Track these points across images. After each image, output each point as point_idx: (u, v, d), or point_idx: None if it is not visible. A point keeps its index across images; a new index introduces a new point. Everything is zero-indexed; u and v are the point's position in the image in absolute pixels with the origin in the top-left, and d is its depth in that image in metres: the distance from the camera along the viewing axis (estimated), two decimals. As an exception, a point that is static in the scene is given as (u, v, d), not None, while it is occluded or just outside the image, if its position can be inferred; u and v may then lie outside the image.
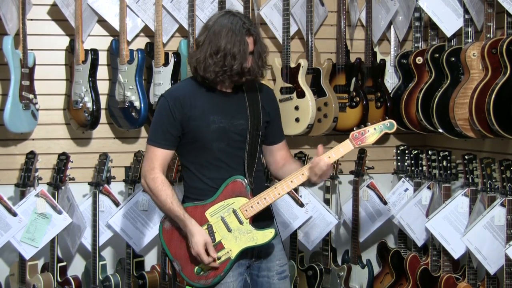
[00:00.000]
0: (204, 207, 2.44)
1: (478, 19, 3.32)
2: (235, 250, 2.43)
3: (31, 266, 3.47)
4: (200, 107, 2.44)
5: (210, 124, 2.43)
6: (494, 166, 3.22)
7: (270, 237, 2.43)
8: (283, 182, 2.43)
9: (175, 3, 3.61)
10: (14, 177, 3.57)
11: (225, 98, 2.50)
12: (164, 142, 2.45)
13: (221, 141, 2.45)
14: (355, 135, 2.42)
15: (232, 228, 2.43)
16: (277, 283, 2.55)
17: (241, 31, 2.40)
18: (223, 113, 2.46)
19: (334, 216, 3.76)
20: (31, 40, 3.41)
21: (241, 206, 2.42)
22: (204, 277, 2.44)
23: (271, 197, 2.42)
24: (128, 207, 3.53)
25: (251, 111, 2.50)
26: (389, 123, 2.45)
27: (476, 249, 3.21)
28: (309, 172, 2.42)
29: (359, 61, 3.80)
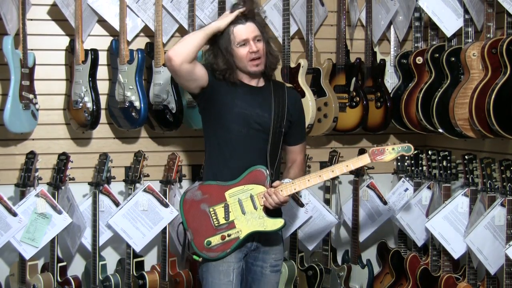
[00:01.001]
0: (225, 188, 2.63)
1: (478, 19, 3.32)
2: (245, 232, 2.61)
3: (31, 266, 3.47)
4: (230, 91, 2.64)
5: (234, 107, 2.62)
6: (494, 166, 3.22)
7: (279, 226, 2.62)
8: (301, 179, 2.61)
9: (175, 3, 3.61)
10: (14, 177, 3.57)
11: (251, 90, 2.69)
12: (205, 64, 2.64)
13: (242, 126, 2.63)
14: (375, 151, 2.63)
15: (246, 211, 2.62)
16: (268, 274, 2.76)
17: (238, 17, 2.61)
18: (248, 102, 2.65)
19: (334, 216, 3.76)
20: (31, 40, 3.41)
21: (258, 193, 2.61)
22: (212, 249, 2.63)
23: (287, 191, 2.59)
24: (128, 207, 3.53)
25: (275, 107, 2.68)
26: (407, 147, 2.64)
27: (478, 249, 3.21)
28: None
29: (359, 61, 3.80)
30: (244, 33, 2.59)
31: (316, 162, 3.92)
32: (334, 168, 2.64)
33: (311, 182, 2.61)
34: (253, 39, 2.60)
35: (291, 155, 2.85)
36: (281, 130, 2.69)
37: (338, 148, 3.93)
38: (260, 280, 2.76)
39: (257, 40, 2.62)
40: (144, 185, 3.54)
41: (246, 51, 2.60)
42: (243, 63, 2.62)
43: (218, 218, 2.62)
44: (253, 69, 2.64)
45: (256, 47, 2.60)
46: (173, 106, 3.50)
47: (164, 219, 3.53)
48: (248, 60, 2.61)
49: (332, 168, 2.63)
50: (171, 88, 3.50)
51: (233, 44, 2.60)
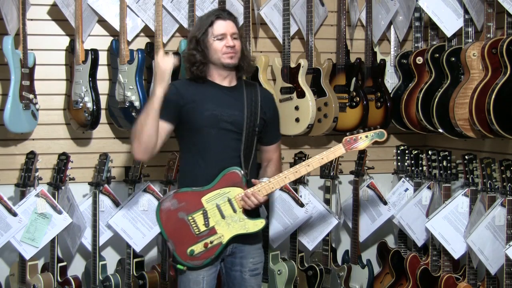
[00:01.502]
0: (201, 193, 2.58)
1: (478, 19, 3.32)
2: (227, 236, 2.57)
3: (31, 266, 3.47)
4: (198, 97, 2.62)
5: (203, 111, 2.59)
6: (494, 166, 3.22)
7: (260, 227, 2.59)
8: (277, 178, 2.57)
9: (175, 3, 3.61)
10: (14, 177, 3.57)
11: (224, 92, 2.66)
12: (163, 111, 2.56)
13: (213, 127, 2.59)
14: (348, 140, 2.60)
15: (226, 215, 2.57)
16: (248, 278, 2.70)
17: (210, 16, 2.64)
18: (218, 103, 2.62)
19: (334, 216, 3.76)
20: (31, 40, 3.41)
21: (236, 196, 2.56)
22: (196, 258, 2.58)
23: (265, 190, 2.56)
24: (128, 207, 3.53)
25: (248, 106, 2.64)
26: (380, 132, 2.62)
27: (479, 250, 3.21)
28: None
29: (359, 61, 3.80)
30: (223, 28, 2.60)
31: (316, 162, 3.91)
32: (310, 162, 2.56)
33: (288, 179, 2.57)
34: (231, 35, 2.60)
35: (266, 155, 2.81)
36: (254, 129, 2.64)
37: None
38: (241, 285, 2.70)
39: (234, 37, 2.61)
40: (144, 185, 3.54)
41: (223, 44, 2.59)
42: (217, 55, 2.59)
43: (198, 226, 2.56)
44: (227, 61, 2.60)
45: (232, 42, 2.59)
46: (173, 106, 3.49)
47: (164, 219, 3.52)
48: (223, 52, 2.59)
49: (307, 163, 2.57)
50: (171, 88, 3.49)
51: (210, 36, 2.59)
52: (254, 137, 2.66)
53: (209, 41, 2.60)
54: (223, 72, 2.65)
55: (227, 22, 2.62)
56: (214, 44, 2.59)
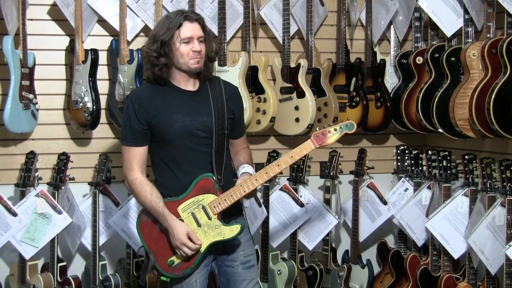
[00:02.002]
0: (176, 203, 2.56)
1: (478, 19, 3.32)
2: (204, 244, 2.55)
3: (31, 266, 3.47)
4: (164, 107, 2.55)
5: (173, 123, 2.53)
6: (494, 166, 3.22)
7: (236, 232, 2.55)
8: (248, 181, 2.53)
9: (175, 3, 3.61)
10: (14, 177, 3.57)
11: (189, 96, 2.59)
12: (135, 140, 2.56)
13: (185, 138, 2.55)
14: (317, 135, 2.51)
15: (201, 223, 2.55)
16: (241, 272, 2.67)
17: (177, 16, 2.52)
18: (186, 111, 2.56)
19: (334, 216, 3.76)
20: (31, 40, 3.41)
21: (209, 203, 2.54)
22: (176, 268, 2.57)
23: (237, 194, 2.53)
24: (128, 207, 3.53)
25: (215, 108, 2.59)
26: (349, 124, 2.54)
27: (479, 250, 3.21)
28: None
29: (359, 61, 3.80)
30: (190, 31, 2.51)
31: (316, 162, 3.92)
32: (280, 162, 2.51)
33: (259, 181, 2.52)
34: (197, 38, 2.53)
35: (235, 147, 2.76)
36: (224, 132, 2.60)
37: (338, 148, 3.93)
38: (235, 280, 2.66)
39: (200, 40, 2.54)
40: (144, 185, 3.53)
41: (189, 48, 2.51)
42: (184, 59, 2.52)
43: None
44: (194, 66, 2.53)
45: (199, 47, 2.52)
46: (173, 106, 3.50)
47: (164, 219, 3.52)
48: (190, 58, 2.52)
49: (277, 162, 2.51)
50: (171, 88, 3.50)
51: (177, 39, 2.50)
52: (224, 140, 2.61)
53: (175, 44, 2.51)
54: (187, 76, 2.58)
55: (194, 24, 2.53)
56: (181, 48, 2.51)
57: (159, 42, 2.51)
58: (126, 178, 2.59)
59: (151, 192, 2.53)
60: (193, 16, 2.54)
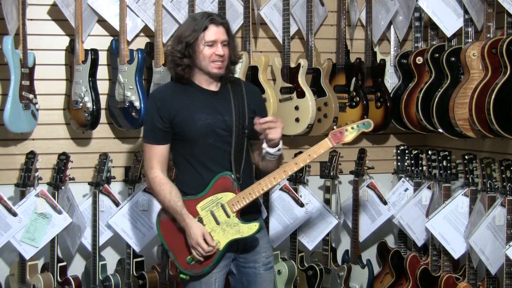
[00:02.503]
0: (195, 201, 2.58)
1: (478, 19, 3.32)
2: (223, 242, 2.56)
3: (31, 266, 3.47)
4: (186, 106, 2.58)
5: (196, 122, 2.56)
6: (494, 166, 3.22)
7: (254, 230, 2.56)
8: (266, 178, 2.55)
9: (175, 3, 3.61)
10: (14, 177, 3.57)
11: (211, 96, 2.62)
12: (156, 138, 2.60)
13: (208, 137, 2.57)
14: (334, 133, 2.54)
15: (220, 221, 2.56)
16: (263, 273, 2.70)
17: (203, 19, 2.55)
18: (208, 110, 2.59)
19: (334, 216, 3.76)
20: (31, 40, 3.41)
21: (228, 201, 2.56)
22: (195, 266, 2.58)
23: (255, 193, 2.54)
24: (128, 207, 3.53)
25: (236, 108, 2.62)
26: (366, 122, 2.56)
27: (480, 250, 3.21)
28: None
29: (359, 61, 3.80)
30: (215, 34, 2.54)
31: (316, 162, 3.92)
32: (297, 160, 2.53)
33: (276, 180, 2.54)
34: (221, 42, 2.56)
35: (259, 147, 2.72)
36: (244, 132, 2.61)
37: (338, 148, 3.92)
38: (256, 281, 2.69)
39: (224, 44, 2.57)
40: (144, 185, 3.54)
41: (212, 52, 2.54)
42: (205, 62, 2.55)
43: None
44: (214, 71, 2.57)
45: (222, 51, 2.55)
46: (173, 106, 3.50)
47: (164, 219, 3.53)
48: (211, 61, 2.55)
49: (295, 161, 2.53)
50: (171, 88, 3.50)
51: (201, 42, 2.53)
52: (244, 139, 2.63)
53: (199, 47, 2.54)
54: (209, 78, 2.62)
55: (219, 28, 2.56)
56: (204, 51, 2.54)
57: (184, 44, 2.54)
58: (147, 176, 2.63)
59: (170, 191, 2.56)
60: (219, 19, 2.58)
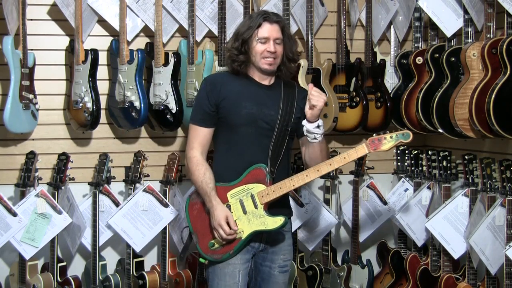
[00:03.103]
0: (227, 188, 2.65)
1: (478, 19, 3.32)
2: (247, 231, 2.61)
3: (31, 266, 3.47)
4: (235, 93, 2.68)
5: (241, 109, 2.65)
6: (494, 166, 3.22)
7: (279, 224, 2.59)
8: (299, 175, 2.59)
9: (175, 3, 3.61)
10: (14, 177, 3.57)
11: (261, 89, 2.71)
12: (202, 121, 2.70)
13: (250, 126, 2.65)
14: (373, 140, 2.57)
15: (247, 211, 2.62)
16: (277, 274, 2.76)
17: (258, 16, 2.66)
18: (255, 101, 2.67)
19: (334, 216, 3.76)
20: (31, 40, 3.41)
21: (258, 192, 2.61)
22: (216, 251, 2.65)
23: (286, 187, 2.59)
24: (128, 207, 3.53)
25: (284, 105, 2.70)
26: (405, 134, 2.57)
27: (480, 250, 3.21)
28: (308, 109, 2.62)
29: (359, 61, 3.80)
30: (267, 31, 2.63)
31: (316, 162, 3.92)
32: (332, 161, 2.56)
33: (309, 177, 2.59)
34: (274, 39, 2.64)
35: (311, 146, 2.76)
36: (287, 129, 2.69)
37: (338, 148, 3.93)
38: (268, 280, 2.76)
39: (277, 42, 2.65)
40: (144, 185, 3.54)
41: (264, 48, 2.63)
42: (257, 57, 2.65)
43: None
44: (264, 67, 2.66)
45: (274, 48, 2.63)
46: (173, 106, 3.50)
47: (164, 219, 3.53)
48: (262, 57, 2.64)
49: (329, 162, 2.56)
50: (171, 88, 3.50)
51: (254, 38, 2.63)
52: (286, 136, 2.70)
53: (252, 43, 2.64)
54: (262, 74, 2.71)
55: (273, 26, 2.64)
56: (256, 47, 2.64)
57: (240, 40, 2.65)
58: (186, 155, 2.71)
59: (205, 172, 2.64)
60: (274, 17, 2.66)
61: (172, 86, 3.50)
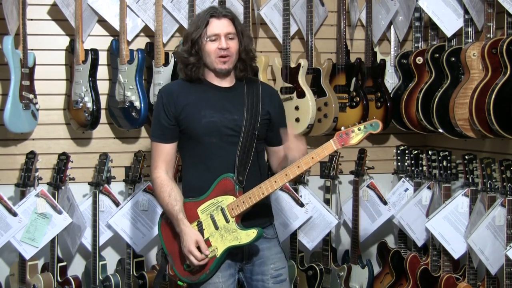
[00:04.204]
0: (197, 204, 2.47)
1: (478, 19, 3.32)
2: (221, 249, 2.42)
3: (31, 266, 3.47)
4: (193, 102, 2.47)
5: (201, 119, 2.45)
6: (494, 166, 3.22)
7: (252, 237, 2.39)
8: (267, 182, 2.39)
9: (175, 3, 3.61)
10: (14, 177, 3.57)
11: (220, 93, 2.50)
12: (163, 136, 2.49)
13: (212, 136, 2.45)
14: (340, 135, 2.36)
15: (219, 226, 2.43)
16: (272, 286, 2.52)
17: (205, 14, 2.45)
18: (215, 107, 2.47)
19: (334, 216, 3.76)
20: (31, 40, 3.41)
21: (228, 205, 2.42)
22: (192, 273, 2.47)
23: (255, 197, 2.39)
24: (128, 207, 3.53)
25: (248, 107, 2.49)
26: (374, 123, 2.35)
27: (479, 250, 3.21)
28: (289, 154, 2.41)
29: (359, 61, 3.80)
30: (216, 28, 2.42)
31: (316, 162, 3.91)
32: (300, 163, 2.34)
33: (278, 183, 2.38)
34: (225, 35, 2.43)
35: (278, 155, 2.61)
36: (254, 133, 2.46)
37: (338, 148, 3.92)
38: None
39: (229, 37, 2.44)
40: (144, 185, 3.54)
41: (215, 46, 2.42)
42: (210, 58, 2.44)
43: None
44: (219, 66, 2.45)
45: (226, 44, 2.42)
46: (173, 106, 3.50)
47: (164, 219, 3.53)
48: (216, 56, 2.43)
49: (297, 164, 2.35)
50: (171, 88, 3.50)
51: (204, 37, 2.43)
52: (253, 141, 2.47)
53: (202, 42, 2.44)
54: (218, 75, 2.50)
55: (222, 21, 2.43)
56: (207, 46, 2.43)
57: (190, 42, 2.46)
58: (150, 176, 2.54)
59: (170, 194, 2.45)
60: (222, 11, 2.45)
61: (172, 86, 3.50)
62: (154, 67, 3.55)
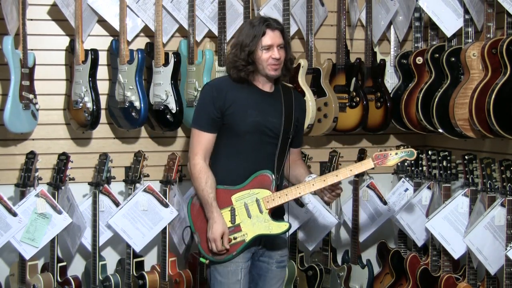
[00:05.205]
0: (232, 192, 2.69)
1: (478, 19, 3.32)
2: (250, 235, 2.67)
3: (31, 266, 3.47)
4: (240, 100, 2.70)
5: (247, 117, 2.68)
6: (494, 166, 3.22)
7: (284, 229, 2.69)
8: (306, 184, 2.69)
9: (175, 3, 3.61)
10: (14, 177, 3.57)
11: (263, 97, 2.75)
12: (207, 126, 2.70)
13: (255, 133, 2.69)
14: (378, 156, 2.67)
15: (252, 215, 2.67)
16: (274, 270, 2.82)
17: (260, 24, 2.68)
18: (260, 109, 2.71)
19: (334, 216, 3.76)
20: (31, 40, 3.41)
21: (264, 197, 2.67)
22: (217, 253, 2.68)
23: (292, 195, 2.68)
24: (128, 207, 3.53)
25: (285, 113, 2.75)
26: (410, 152, 2.67)
27: (477, 249, 3.21)
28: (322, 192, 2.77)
29: (359, 61, 3.80)
30: (271, 39, 2.66)
31: (316, 162, 3.92)
32: (338, 173, 2.68)
33: (315, 186, 2.69)
34: (277, 46, 2.67)
35: (293, 156, 2.92)
36: (288, 136, 2.77)
37: (338, 148, 3.93)
38: (266, 276, 2.81)
39: (280, 47, 2.69)
40: (144, 185, 3.54)
41: (269, 55, 2.66)
42: (262, 65, 2.68)
43: None
44: (271, 73, 2.69)
45: (278, 54, 2.67)
46: (173, 106, 3.50)
47: (164, 219, 3.53)
48: (268, 64, 2.67)
49: (336, 173, 2.68)
50: (171, 88, 3.50)
51: (259, 47, 2.66)
52: (287, 143, 2.78)
53: (257, 52, 2.66)
54: (266, 80, 2.74)
55: (275, 32, 2.68)
56: (262, 55, 2.66)
57: (247, 52, 2.65)
58: (189, 161, 2.71)
59: (206, 181, 2.66)
60: (274, 24, 2.69)
61: (172, 86, 3.50)
62: (154, 67, 3.55)
